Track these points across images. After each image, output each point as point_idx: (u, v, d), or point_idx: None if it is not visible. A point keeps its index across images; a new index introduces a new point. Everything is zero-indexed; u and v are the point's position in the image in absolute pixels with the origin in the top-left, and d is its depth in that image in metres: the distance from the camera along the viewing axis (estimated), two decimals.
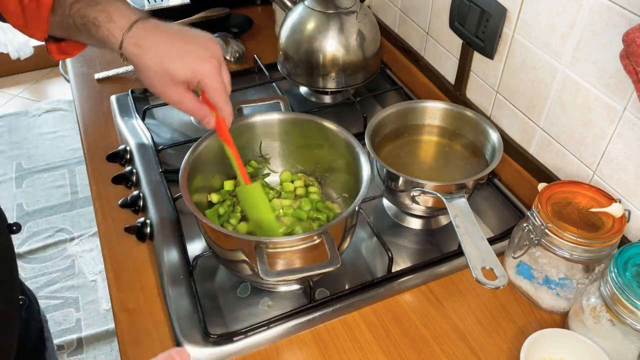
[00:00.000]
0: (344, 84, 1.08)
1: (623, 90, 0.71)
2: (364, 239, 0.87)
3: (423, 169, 0.89)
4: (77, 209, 2.25)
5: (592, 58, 0.74)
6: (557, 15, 0.78)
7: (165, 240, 0.81)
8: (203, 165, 0.79)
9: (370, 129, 0.86)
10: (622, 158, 0.74)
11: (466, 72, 1.01)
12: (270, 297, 0.78)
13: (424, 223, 0.90)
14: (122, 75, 1.19)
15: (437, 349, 0.71)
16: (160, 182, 0.90)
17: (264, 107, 0.90)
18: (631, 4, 0.66)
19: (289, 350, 0.71)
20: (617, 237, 0.68)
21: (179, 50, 0.68)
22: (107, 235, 0.86)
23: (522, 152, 0.92)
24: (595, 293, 0.66)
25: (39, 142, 2.56)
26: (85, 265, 2.03)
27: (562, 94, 0.81)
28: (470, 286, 0.78)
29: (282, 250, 0.66)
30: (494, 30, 0.89)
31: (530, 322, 0.74)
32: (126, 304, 0.76)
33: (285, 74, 1.11)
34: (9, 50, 2.80)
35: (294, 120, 0.85)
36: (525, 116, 0.90)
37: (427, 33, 1.10)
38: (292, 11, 1.08)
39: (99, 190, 0.94)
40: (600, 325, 0.66)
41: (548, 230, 0.69)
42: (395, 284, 0.78)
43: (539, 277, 0.74)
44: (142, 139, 0.99)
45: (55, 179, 2.38)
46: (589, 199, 0.73)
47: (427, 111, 0.92)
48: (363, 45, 1.06)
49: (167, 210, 0.85)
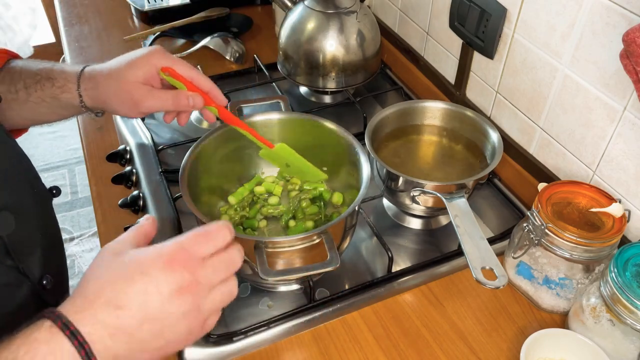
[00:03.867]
0: (344, 84, 1.08)
1: (623, 90, 0.71)
2: (364, 239, 0.87)
3: (423, 169, 0.89)
4: (77, 209, 2.25)
5: (592, 58, 0.74)
6: (557, 15, 0.77)
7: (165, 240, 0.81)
8: (203, 165, 0.79)
9: (370, 129, 0.86)
10: (622, 158, 0.74)
11: (466, 72, 1.01)
12: (270, 297, 0.78)
13: (424, 223, 0.90)
14: None
15: (437, 349, 0.71)
16: (160, 182, 0.90)
17: (264, 107, 0.90)
18: (631, 4, 0.66)
19: (289, 350, 0.71)
20: (617, 237, 0.68)
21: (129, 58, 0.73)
22: (107, 235, 0.86)
23: (522, 152, 0.92)
24: (595, 293, 0.66)
25: (38, 142, 2.56)
26: (85, 265, 2.03)
27: (562, 94, 0.81)
28: (470, 286, 0.78)
29: (282, 250, 0.66)
30: (494, 30, 0.89)
31: (530, 322, 0.74)
32: None
33: (285, 74, 1.11)
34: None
35: (294, 120, 0.85)
36: (525, 116, 0.90)
37: (427, 33, 1.10)
38: (292, 11, 1.08)
39: (99, 190, 0.94)
40: (600, 325, 0.66)
41: (548, 230, 0.69)
42: (395, 284, 0.78)
43: (539, 277, 0.74)
44: (142, 139, 0.99)
45: (55, 178, 2.38)
46: (589, 199, 0.73)
47: (427, 111, 0.92)
48: (363, 45, 1.06)
49: (167, 210, 0.85)
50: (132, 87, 0.71)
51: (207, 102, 0.74)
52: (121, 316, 0.43)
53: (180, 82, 0.72)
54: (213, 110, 0.76)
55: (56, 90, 0.73)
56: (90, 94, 0.73)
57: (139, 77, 0.71)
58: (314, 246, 0.66)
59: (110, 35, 1.35)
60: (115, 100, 0.72)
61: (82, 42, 1.33)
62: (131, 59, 0.72)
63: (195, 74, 0.74)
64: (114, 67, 0.72)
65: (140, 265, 0.45)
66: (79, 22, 1.40)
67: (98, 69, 0.74)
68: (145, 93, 0.71)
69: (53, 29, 2.88)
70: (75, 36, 1.35)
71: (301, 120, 0.85)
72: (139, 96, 0.71)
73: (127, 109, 0.73)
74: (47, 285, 0.66)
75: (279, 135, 0.86)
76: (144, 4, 1.38)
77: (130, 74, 0.71)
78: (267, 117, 0.84)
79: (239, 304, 0.77)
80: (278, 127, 0.85)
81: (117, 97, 0.72)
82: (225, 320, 0.75)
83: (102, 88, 0.72)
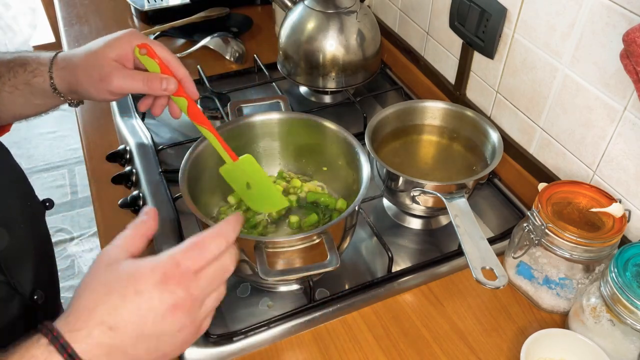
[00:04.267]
0: (344, 84, 1.08)
1: (623, 90, 0.71)
2: (364, 239, 0.87)
3: (423, 169, 0.89)
4: (77, 209, 2.25)
5: (592, 58, 0.74)
6: (557, 15, 0.77)
7: (165, 240, 0.81)
8: (203, 165, 0.79)
9: (370, 129, 0.86)
10: (622, 158, 0.74)
11: (466, 72, 1.01)
12: (270, 297, 0.78)
13: (424, 223, 0.90)
14: None
15: (437, 349, 0.71)
16: (160, 182, 0.90)
17: (264, 107, 0.90)
18: (631, 4, 0.66)
19: (289, 350, 0.71)
20: (617, 237, 0.68)
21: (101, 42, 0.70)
22: (107, 235, 0.86)
23: (522, 152, 0.92)
24: (595, 293, 0.66)
25: (39, 142, 2.56)
26: (85, 265, 2.03)
27: (562, 94, 0.81)
28: (470, 286, 0.78)
29: (282, 250, 0.66)
30: (494, 30, 0.89)
31: (530, 322, 0.74)
32: None
33: (285, 73, 1.11)
34: (8, 50, 2.80)
35: (294, 120, 0.85)
36: (525, 116, 0.90)
37: (427, 33, 1.10)
38: (292, 11, 1.08)
39: (99, 190, 0.94)
40: (600, 325, 0.66)
41: (548, 230, 0.69)
42: (395, 284, 0.78)
43: (539, 277, 0.74)
44: (142, 139, 0.99)
45: (55, 179, 2.38)
46: (589, 199, 0.73)
47: (427, 111, 0.92)
48: (363, 45, 1.06)
49: (167, 210, 0.85)
50: (103, 63, 0.68)
51: (178, 91, 0.69)
52: (116, 337, 0.43)
53: (155, 64, 0.68)
54: (181, 103, 0.70)
55: (28, 75, 0.71)
56: (61, 74, 0.70)
57: (112, 54, 0.68)
58: (314, 246, 0.66)
59: None
60: (85, 78, 0.69)
61: (82, 42, 1.32)
62: (107, 39, 0.70)
63: (172, 58, 0.70)
64: (88, 47, 0.70)
65: (135, 282, 0.44)
66: (78, 22, 1.40)
67: (72, 52, 0.72)
68: (115, 70, 0.68)
69: (53, 29, 2.87)
70: (75, 36, 1.35)
71: (301, 120, 0.85)
72: (107, 72, 0.68)
73: (96, 87, 0.69)
74: (39, 300, 0.66)
75: (279, 135, 0.86)
76: (144, 3, 1.38)
77: (103, 51, 0.68)
78: (267, 117, 0.84)
79: (239, 304, 0.77)
80: (278, 127, 0.85)
81: (87, 75, 0.69)
82: (225, 320, 0.75)
83: (72, 67, 0.70)
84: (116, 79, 0.68)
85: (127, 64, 0.69)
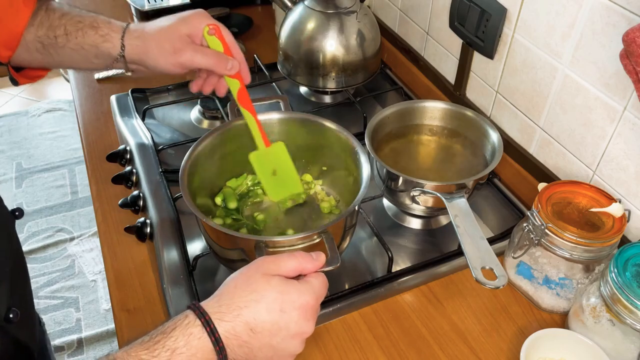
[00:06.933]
0: (344, 84, 1.08)
1: (623, 90, 0.71)
2: (364, 239, 0.87)
3: (423, 169, 0.89)
4: (77, 209, 2.25)
5: (592, 58, 0.74)
6: (557, 15, 0.78)
7: (165, 240, 0.81)
8: (203, 165, 0.79)
9: (370, 129, 0.86)
10: (622, 158, 0.74)
11: (466, 72, 1.01)
12: None
13: (424, 223, 0.90)
14: (122, 75, 1.19)
15: (437, 349, 0.71)
16: (160, 182, 0.90)
17: (264, 107, 0.90)
18: (631, 4, 0.66)
19: None
20: (617, 237, 0.68)
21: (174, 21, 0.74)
22: (107, 235, 0.86)
23: (522, 152, 0.92)
24: (595, 293, 0.66)
25: (39, 142, 2.56)
26: (85, 265, 2.03)
27: (562, 94, 0.81)
28: (470, 286, 0.78)
29: (282, 250, 0.66)
30: (494, 30, 0.89)
31: (530, 322, 0.74)
32: (126, 304, 0.76)
33: (285, 74, 1.11)
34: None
35: (294, 120, 0.85)
36: (525, 116, 0.90)
37: (427, 33, 1.10)
38: (292, 11, 1.08)
39: (99, 190, 0.94)
40: (600, 325, 0.66)
41: (548, 230, 0.69)
42: (395, 284, 0.78)
43: (539, 277, 0.74)
44: (142, 139, 0.99)
45: (55, 178, 2.38)
46: (589, 199, 0.73)
47: (427, 111, 0.92)
48: (363, 45, 1.06)
49: (167, 210, 0.85)
50: (176, 37, 0.73)
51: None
52: (253, 336, 0.51)
53: (220, 44, 0.73)
54: (233, 85, 0.75)
55: (98, 38, 0.74)
56: (133, 43, 0.74)
57: (185, 30, 0.73)
58: (314, 246, 0.66)
59: None
60: (157, 49, 0.73)
61: None
62: (180, 16, 0.74)
63: (233, 42, 0.75)
64: (159, 22, 0.74)
65: (283, 302, 0.52)
66: None
67: (142, 24, 0.75)
68: (187, 45, 0.73)
69: None
70: None
71: (301, 120, 0.85)
72: (180, 46, 0.72)
73: (166, 58, 0.73)
74: (14, 319, 0.65)
75: (279, 135, 0.86)
76: (144, 4, 1.38)
77: (177, 26, 0.73)
78: (267, 117, 0.84)
79: None
80: (278, 127, 0.85)
81: (159, 46, 0.73)
82: None
83: (146, 38, 0.73)
84: (189, 52, 0.73)
85: (196, 40, 0.74)
